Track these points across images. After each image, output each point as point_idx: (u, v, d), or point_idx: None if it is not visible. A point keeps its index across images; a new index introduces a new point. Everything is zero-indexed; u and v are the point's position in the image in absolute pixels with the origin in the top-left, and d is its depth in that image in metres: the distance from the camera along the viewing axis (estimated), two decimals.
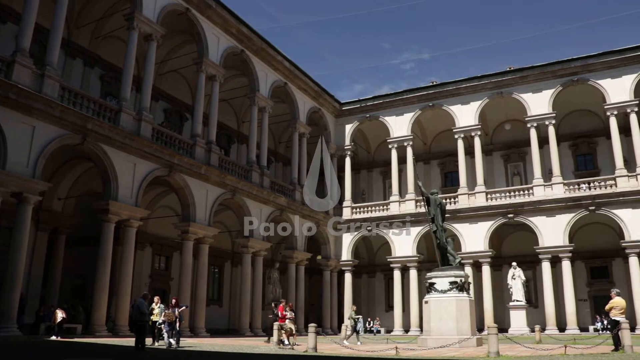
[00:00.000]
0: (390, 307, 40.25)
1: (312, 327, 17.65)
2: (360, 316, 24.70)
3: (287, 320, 20.08)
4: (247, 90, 33.10)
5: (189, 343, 20.19)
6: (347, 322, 25.64)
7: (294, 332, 20.18)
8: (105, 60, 28.92)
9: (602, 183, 33.16)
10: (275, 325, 20.04)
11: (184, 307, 20.25)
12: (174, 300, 19.20)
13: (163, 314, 18.27)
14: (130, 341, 17.18)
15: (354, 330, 24.70)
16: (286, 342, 19.45)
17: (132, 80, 24.84)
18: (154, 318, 18.67)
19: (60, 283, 26.37)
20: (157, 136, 25.09)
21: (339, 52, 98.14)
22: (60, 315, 20.70)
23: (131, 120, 23.55)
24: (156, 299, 19.43)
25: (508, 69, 36.73)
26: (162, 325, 18.18)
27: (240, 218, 30.97)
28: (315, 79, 37.99)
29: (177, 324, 18.28)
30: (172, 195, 27.85)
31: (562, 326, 32.08)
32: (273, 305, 22.64)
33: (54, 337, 20.35)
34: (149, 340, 17.98)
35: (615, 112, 33.23)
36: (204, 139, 28.20)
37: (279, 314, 20.67)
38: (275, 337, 19.97)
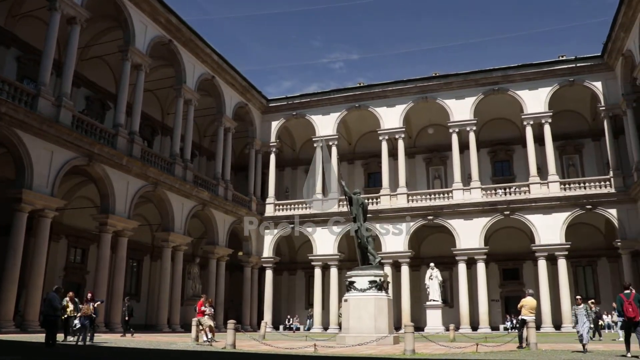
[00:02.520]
0: (310, 304, 40.52)
1: (231, 323, 17.50)
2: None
3: (206, 317, 19.81)
4: (173, 81, 32.39)
5: (104, 339, 19.61)
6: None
7: (213, 329, 19.98)
8: (23, 41, 27.33)
9: (517, 189, 34.83)
10: (194, 321, 19.77)
11: (99, 302, 19.63)
12: (89, 295, 18.55)
13: (77, 308, 17.62)
14: (40, 337, 16.42)
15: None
16: (204, 338, 19.22)
17: (52, 64, 23.61)
18: (67, 313, 17.98)
19: None
20: (78, 124, 24.08)
21: (269, 47, 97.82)
22: None
23: (50, 106, 22.49)
24: (70, 293, 18.70)
25: (433, 75, 37.71)
26: (76, 321, 17.51)
27: (162, 211, 30.31)
28: (243, 73, 37.79)
29: (92, 320, 17.68)
30: (92, 185, 26.87)
31: (475, 325, 33.41)
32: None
33: None
34: (60, 336, 17.27)
35: (531, 122, 34.97)
36: (127, 129, 27.39)
37: (197, 309, 20.37)
38: (193, 333, 19.70)
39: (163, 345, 17.99)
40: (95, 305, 18.22)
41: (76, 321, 17.44)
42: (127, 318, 24.62)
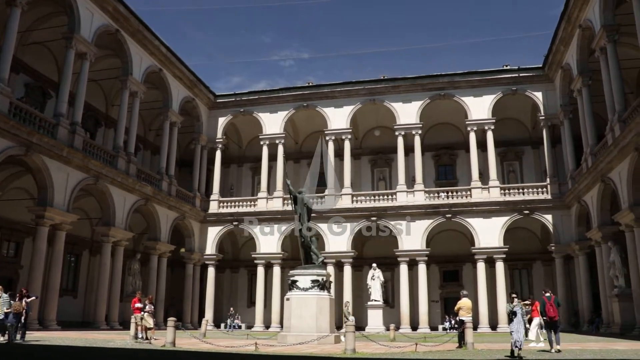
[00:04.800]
0: (252, 303, 40.27)
1: (171, 321, 17.25)
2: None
3: (145, 314, 19.43)
4: (119, 72, 31.51)
5: (37, 337, 18.85)
6: (351, 319, 24.50)
7: (152, 326, 19.61)
8: None
9: (459, 193, 35.71)
10: (133, 318, 19.35)
11: (33, 298, 18.96)
12: (23, 290, 17.86)
13: (9, 305, 16.89)
14: None
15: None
16: (142, 335, 18.82)
17: None
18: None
19: None
20: (15, 112, 22.98)
21: (219, 42, 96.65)
22: None
23: None
24: None
25: (382, 78, 38.20)
26: (7, 318, 16.76)
27: (103, 205, 29.52)
28: (192, 68, 37.16)
29: (24, 316, 17.04)
30: (29, 176, 25.83)
31: (415, 325, 34.06)
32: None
33: None
34: None
35: (475, 128, 35.90)
36: (69, 120, 26.43)
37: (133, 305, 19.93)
38: (131, 331, 19.29)
39: (100, 343, 17.53)
40: (29, 301, 17.58)
41: (8, 318, 16.70)
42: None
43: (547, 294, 16.07)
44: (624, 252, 25.91)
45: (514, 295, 14.77)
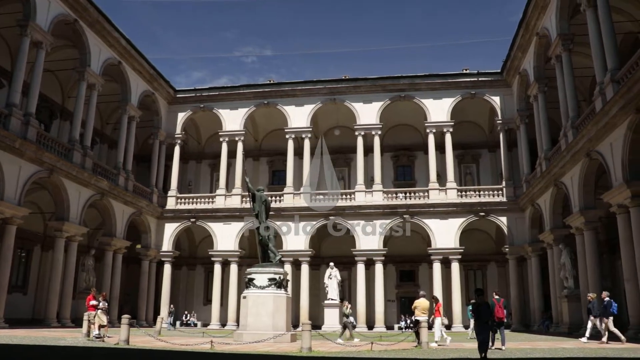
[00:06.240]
0: (208, 300, 39.93)
1: (125, 318, 16.98)
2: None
3: (99, 311, 19.03)
4: (76, 63, 30.70)
5: None
6: (352, 319, 24.05)
7: (105, 324, 19.23)
8: None
9: (417, 194, 36.14)
10: (85, 315, 18.94)
11: None
12: None
13: None
14: None
15: (345, 327, 22.63)
16: (95, 332, 18.44)
17: None
18: None
19: None
20: None
21: (181, 36, 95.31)
22: None
23: None
24: None
25: (343, 78, 38.37)
26: None
27: (57, 199, 28.77)
28: (152, 62, 36.51)
29: None
30: None
31: (371, 324, 34.31)
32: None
33: None
34: None
35: (434, 130, 36.39)
36: (22, 110, 25.53)
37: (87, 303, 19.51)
38: (84, 329, 18.87)
39: (50, 341, 17.07)
40: None
41: None
42: None
43: (497, 297, 17.52)
44: (574, 255, 26.72)
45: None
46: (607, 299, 18.84)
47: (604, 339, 18.23)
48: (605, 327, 18.46)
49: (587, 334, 19.45)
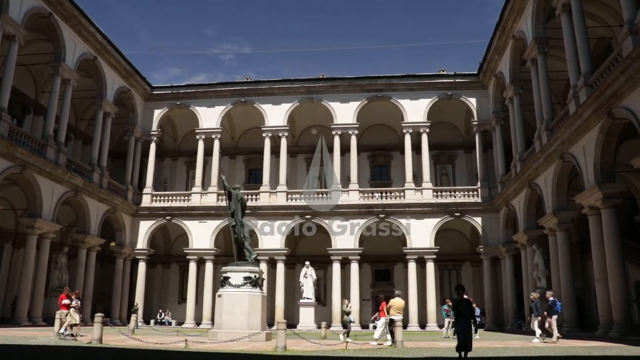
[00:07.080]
0: (183, 299, 39.64)
1: (98, 317, 16.78)
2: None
3: (72, 309, 18.78)
4: (51, 58, 30.20)
5: None
6: (353, 317, 23.80)
7: (78, 322, 18.98)
8: None
9: (393, 194, 36.35)
10: (57, 314, 18.67)
11: None
12: None
13: None
14: None
15: (345, 326, 22.78)
16: (66, 331, 18.19)
17: None
18: None
19: None
20: None
21: (159, 33, 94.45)
22: None
23: None
24: None
25: (321, 77, 38.38)
26: None
27: (29, 196, 28.31)
28: (129, 57, 36.10)
29: None
30: None
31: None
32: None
33: None
34: None
35: (411, 131, 36.61)
36: None
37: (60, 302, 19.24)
38: (56, 327, 18.61)
39: (20, 340, 16.77)
40: None
41: None
42: None
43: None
44: (547, 255, 27.10)
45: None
46: (551, 298, 19.53)
47: (554, 337, 18.82)
48: (549, 325, 19.14)
49: (537, 334, 19.86)
